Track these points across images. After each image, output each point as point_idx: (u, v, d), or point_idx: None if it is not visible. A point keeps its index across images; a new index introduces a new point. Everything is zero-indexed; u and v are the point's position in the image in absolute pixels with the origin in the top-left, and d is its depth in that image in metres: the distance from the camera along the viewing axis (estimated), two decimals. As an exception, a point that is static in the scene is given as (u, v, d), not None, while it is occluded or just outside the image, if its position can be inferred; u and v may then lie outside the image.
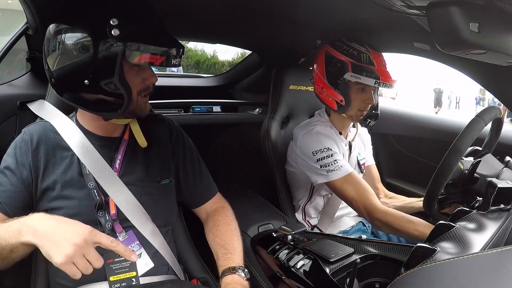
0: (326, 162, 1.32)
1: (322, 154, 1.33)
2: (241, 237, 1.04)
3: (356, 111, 1.36)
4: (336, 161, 1.32)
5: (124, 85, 0.85)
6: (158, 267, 0.98)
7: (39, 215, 0.78)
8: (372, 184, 1.61)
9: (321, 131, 1.38)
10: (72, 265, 0.71)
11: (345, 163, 1.34)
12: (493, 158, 1.12)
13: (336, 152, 1.34)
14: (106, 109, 0.90)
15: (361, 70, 1.30)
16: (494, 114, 1.04)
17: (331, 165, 1.32)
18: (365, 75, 1.29)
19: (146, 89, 0.93)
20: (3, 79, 1.28)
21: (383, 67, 1.31)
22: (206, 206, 1.13)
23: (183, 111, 1.99)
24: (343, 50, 1.34)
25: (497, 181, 0.96)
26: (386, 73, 1.30)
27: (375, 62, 1.30)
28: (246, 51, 2.32)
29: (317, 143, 1.35)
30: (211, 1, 1.24)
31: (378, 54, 1.33)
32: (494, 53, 0.68)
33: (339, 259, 0.96)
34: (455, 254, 0.71)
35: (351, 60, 1.32)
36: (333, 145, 1.36)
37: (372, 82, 1.28)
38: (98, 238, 0.75)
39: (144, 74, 0.91)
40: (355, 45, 1.33)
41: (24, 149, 0.92)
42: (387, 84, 1.29)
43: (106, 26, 0.80)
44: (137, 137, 1.01)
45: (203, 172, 1.13)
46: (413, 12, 0.79)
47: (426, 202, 1.01)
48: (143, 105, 0.95)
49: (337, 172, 1.31)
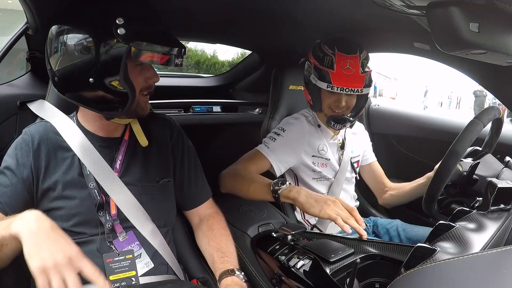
0: (268, 136, 1.39)
1: (274, 130, 1.40)
2: (241, 237, 1.05)
3: (328, 110, 1.36)
4: (271, 138, 1.36)
5: (128, 83, 0.86)
6: (157, 267, 0.98)
7: (37, 214, 0.74)
8: (379, 180, 1.60)
9: (292, 119, 1.42)
10: (45, 278, 0.65)
11: (274, 147, 1.33)
12: (493, 158, 1.12)
13: (282, 136, 1.35)
14: (109, 108, 0.90)
15: (319, 72, 1.30)
16: (493, 115, 1.04)
17: (266, 139, 1.37)
18: (320, 79, 1.29)
19: (148, 88, 0.94)
20: (3, 79, 1.28)
21: (345, 71, 1.26)
22: (199, 209, 1.12)
23: (183, 111, 1.99)
24: (314, 52, 1.35)
25: (497, 181, 0.96)
26: (344, 77, 1.26)
27: (336, 66, 1.27)
28: (246, 51, 2.32)
29: (280, 124, 1.42)
30: (211, 1, 1.24)
31: (346, 57, 1.27)
32: (494, 53, 0.68)
33: (339, 259, 0.96)
34: (455, 254, 0.71)
35: (315, 63, 1.33)
36: (295, 132, 1.37)
37: (325, 86, 1.28)
38: (82, 263, 0.70)
39: (146, 74, 0.92)
40: (324, 48, 1.32)
41: (25, 150, 0.92)
42: (343, 89, 1.25)
43: (112, 26, 0.81)
44: (138, 137, 1.01)
45: (198, 175, 1.13)
46: (413, 12, 0.79)
47: (425, 204, 1.01)
48: (144, 104, 0.95)
49: (261, 145, 1.36)
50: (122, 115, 0.93)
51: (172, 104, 1.95)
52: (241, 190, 1.21)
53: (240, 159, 1.33)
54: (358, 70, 1.28)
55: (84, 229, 0.92)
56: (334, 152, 1.46)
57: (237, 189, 1.23)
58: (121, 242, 0.95)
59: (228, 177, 1.27)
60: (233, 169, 1.29)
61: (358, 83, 1.27)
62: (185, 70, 11.10)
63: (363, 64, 1.29)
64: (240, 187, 1.21)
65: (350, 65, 1.27)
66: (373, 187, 1.65)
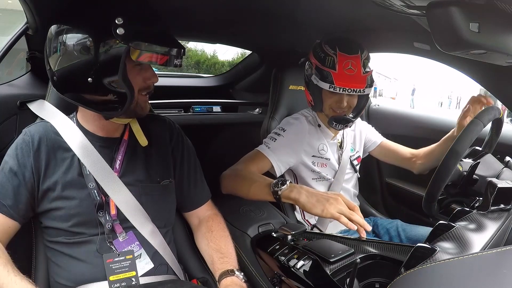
0: (269, 136, 1.38)
1: (275, 130, 1.39)
2: (241, 237, 1.05)
3: (330, 111, 1.35)
4: (272, 138, 1.35)
5: (127, 83, 0.86)
6: (157, 267, 0.98)
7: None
8: (398, 155, 1.55)
9: (292, 119, 1.42)
10: None
11: (275, 147, 1.33)
12: (493, 158, 1.11)
13: (283, 137, 1.35)
14: (108, 108, 0.90)
15: (321, 73, 1.29)
16: (493, 115, 1.04)
17: (267, 139, 1.37)
18: (322, 79, 1.28)
19: (146, 88, 0.94)
20: (3, 79, 1.28)
21: (347, 71, 1.26)
22: (198, 211, 1.12)
23: (183, 111, 1.99)
24: (315, 52, 1.35)
25: (497, 181, 0.96)
26: (347, 78, 1.26)
27: (338, 67, 1.26)
28: (246, 51, 2.32)
29: (281, 124, 1.42)
30: (212, 1, 1.24)
31: (347, 57, 1.27)
32: (494, 53, 0.68)
33: (339, 259, 0.96)
34: (455, 254, 0.71)
35: (316, 63, 1.32)
36: (295, 132, 1.37)
37: (327, 87, 1.27)
38: None
39: (145, 74, 0.92)
40: (326, 48, 1.31)
41: (26, 150, 0.92)
42: (346, 90, 1.25)
43: (111, 25, 0.81)
44: (137, 137, 1.01)
45: (198, 177, 1.13)
46: (413, 12, 0.79)
47: (425, 204, 1.01)
48: (143, 104, 0.95)
49: (262, 146, 1.35)
50: (121, 115, 0.93)
51: (172, 104, 1.95)
52: (242, 191, 1.21)
53: (241, 160, 1.33)
54: (360, 70, 1.27)
55: (83, 229, 0.92)
56: (334, 152, 1.46)
57: (237, 190, 1.23)
58: (121, 243, 0.95)
59: (229, 178, 1.27)
60: (233, 169, 1.28)
61: (360, 83, 1.27)
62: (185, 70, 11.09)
63: (364, 64, 1.29)
64: (241, 188, 1.21)
65: (352, 65, 1.27)
66: (398, 163, 1.59)
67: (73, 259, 0.91)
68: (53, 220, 0.92)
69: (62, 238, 0.92)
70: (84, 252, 0.92)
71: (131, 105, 0.90)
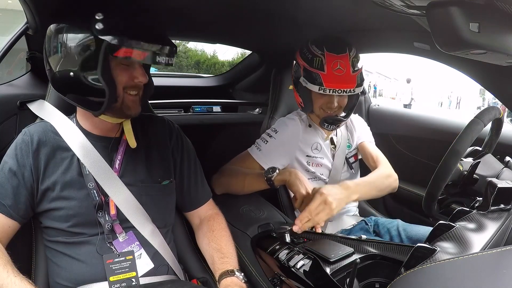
0: (261, 137, 1.39)
1: (267, 131, 1.40)
2: (241, 237, 1.05)
3: (320, 111, 1.35)
4: (264, 140, 1.36)
5: (106, 80, 0.85)
6: (158, 267, 0.98)
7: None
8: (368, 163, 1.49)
9: (287, 120, 1.41)
10: None
11: (266, 149, 1.33)
12: (493, 158, 1.12)
13: (274, 138, 1.35)
14: (91, 104, 0.90)
15: (309, 75, 1.28)
16: (493, 115, 1.04)
17: (259, 140, 1.38)
18: (311, 81, 1.27)
19: (133, 87, 0.92)
20: (3, 79, 1.28)
21: (336, 71, 1.24)
22: (199, 211, 1.12)
23: (183, 111, 1.99)
24: (302, 53, 1.33)
25: (497, 181, 0.96)
26: (336, 78, 1.24)
27: (326, 67, 1.24)
28: (246, 51, 2.32)
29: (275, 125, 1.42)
30: (211, 1, 1.24)
31: (336, 57, 1.25)
32: (494, 53, 0.68)
33: (339, 259, 0.96)
34: (455, 254, 0.71)
35: (304, 64, 1.30)
36: (289, 133, 1.36)
37: (316, 89, 1.26)
38: None
39: (133, 73, 0.90)
40: (313, 48, 1.29)
41: (25, 150, 0.92)
42: (336, 90, 1.23)
43: (91, 20, 0.81)
44: (127, 137, 0.99)
45: (198, 177, 1.13)
46: (413, 12, 0.78)
47: (425, 204, 1.01)
48: (131, 104, 0.93)
49: (253, 147, 1.37)
50: (108, 114, 0.92)
51: (172, 104, 1.95)
52: (236, 186, 1.22)
53: (231, 161, 1.34)
54: (349, 69, 1.26)
55: (83, 229, 0.92)
56: (328, 151, 1.46)
57: (232, 187, 1.24)
58: (121, 243, 0.95)
59: (221, 177, 1.27)
60: (224, 169, 1.29)
61: (350, 83, 1.26)
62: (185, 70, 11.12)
63: (353, 62, 1.27)
64: (235, 184, 1.22)
65: (340, 65, 1.25)
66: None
67: (73, 260, 0.92)
68: (52, 220, 0.92)
69: (62, 238, 0.92)
70: (84, 252, 0.92)
71: (115, 104, 0.89)
